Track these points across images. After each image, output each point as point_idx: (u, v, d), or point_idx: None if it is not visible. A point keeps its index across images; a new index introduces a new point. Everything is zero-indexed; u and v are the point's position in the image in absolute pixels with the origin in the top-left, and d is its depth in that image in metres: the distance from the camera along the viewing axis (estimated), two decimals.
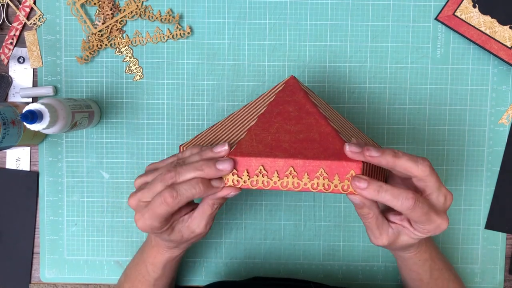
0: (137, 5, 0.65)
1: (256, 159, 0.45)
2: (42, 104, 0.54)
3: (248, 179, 0.45)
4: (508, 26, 0.62)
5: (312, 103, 0.49)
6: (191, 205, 0.50)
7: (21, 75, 0.66)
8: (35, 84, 0.66)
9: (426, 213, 0.44)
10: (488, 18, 0.63)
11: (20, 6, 0.65)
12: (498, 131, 0.66)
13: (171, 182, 0.46)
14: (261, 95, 0.53)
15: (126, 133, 0.66)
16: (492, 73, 0.65)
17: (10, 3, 0.65)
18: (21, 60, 0.66)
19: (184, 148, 0.53)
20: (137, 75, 0.66)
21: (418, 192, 0.46)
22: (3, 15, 0.66)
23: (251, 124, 0.48)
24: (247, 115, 0.51)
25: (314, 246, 0.67)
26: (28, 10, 0.65)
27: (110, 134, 0.66)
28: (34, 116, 0.53)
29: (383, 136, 0.66)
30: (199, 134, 0.55)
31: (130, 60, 0.66)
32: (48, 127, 0.55)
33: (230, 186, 0.46)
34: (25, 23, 0.65)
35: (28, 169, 0.67)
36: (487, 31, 0.63)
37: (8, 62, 0.66)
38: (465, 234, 0.67)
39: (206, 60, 0.66)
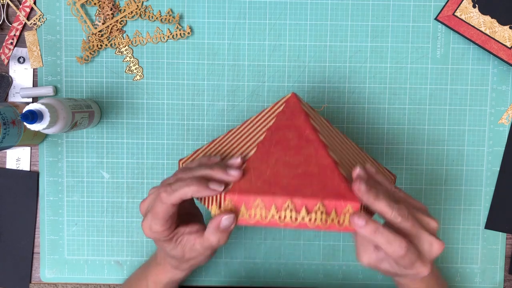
0: (137, 5, 0.65)
1: (254, 196, 0.45)
2: (42, 104, 0.54)
3: (246, 212, 0.45)
4: (508, 26, 0.62)
5: (312, 128, 0.49)
6: (198, 224, 0.50)
7: (21, 75, 0.66)
8: (35, 84, 0.66)
9: (413, 262, 0.44)
10: (488, 18, 0.63)
11: (20, 6, 0.65)
12: (498, 131, 0.66)
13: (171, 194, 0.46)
14: (262, 112, 0.53)
15: (126, 133, 0.66)
16: (492, 73, 0.65)
17: (10, 3, 0.65)
18: (21, 60, 0.66)
19: (183, 164, 0.53)
20: (137, 75, 0.66)
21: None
22: (3, 15, 0.66)
23: (250, 154, 0.48)
24: (247, 136, 0.51)
25: (314, 246, 0.67)
26: (28, 10, 0.65)
27: (110, 134, 0.66)
28: (34, 116, 0.53)
29: (383, 136, 0.66)
30: (199, 149, 0.55)
31: (130, 60, 0.66)
32: (48, 127, 0.55)
33: (225, 212, 0.45)
34: (25, 23, 0.65)
35: (28, 169, 0.67)
36: (487, 31, 0.63)
37: (8, 62, 0.66)
38: (465, 234, 0.67)
39: (206, 60, 0.66)
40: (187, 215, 0.53)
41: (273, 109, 0.52)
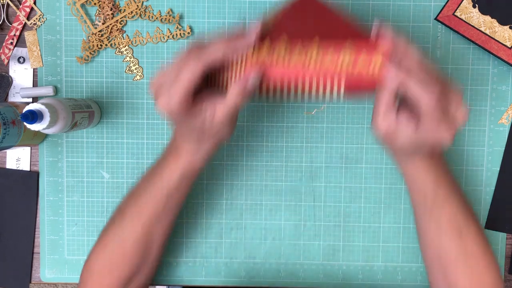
0: (137, 5, 0.65)
1: (282, 40, 0.43)
2: (42, 104, 0.54)
3: (270, 50, 0.43)
4: (508, 26, 0.62)
5: (331, 8, 0.47)
6: (216, 93, 0.48)
7: (21, 75, 0.66)
8: (35, 84, 0.66)
9: (439, 120, 0.43)
10: (488, 18, 0.63)
11: (20, 6, 0.65)
12: (498, 131, 0.66)
13: (197, 57, 0.44)
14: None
15: (126, 133, 0.66)
16: (492, 73, 0.65)
17: (10, 3, 0.65)
18: (21, 60, 0.66)
19: None
20: (137, 75, 0.66)
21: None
22: (3, 15, 0.66)
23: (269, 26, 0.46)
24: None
25: (314, 246, 0.67)
26: (28, 10, 0.65)
27: (110, 134, 0.66)
28: (34, 116, 0.53)
29: None
30: None
31: (130, 60, 0.66)
32: (48, 127, 0.55)
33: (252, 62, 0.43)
34: (25, 23, 0.65)
35: (29, 169, 0.67)
36: (487, 31, 0.63)
37: (8, 62, 0.66)
38: None
39: None
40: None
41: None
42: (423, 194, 0.54)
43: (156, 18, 0.65)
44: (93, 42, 0.65)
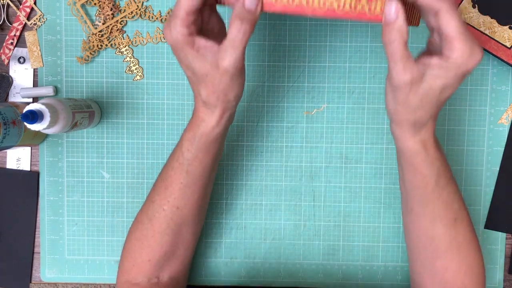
0: (138, 6, 0.65)
1: None
2: (43, 104, 0.54)
3: None
4: (507, 26, 0.63)
5: None
6: (220, 25, 0.47)
7: (21, 75, 0.66)
8: (35, 84, 0.66)
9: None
10: (487, 18, 0.63)
11: (21, 7, 0.65)
12: (498, 131, 0.66)
13: None
14: None
15: (126, 133, 0.66)
16: (492, 73, 0.65)
17: (10, 3, 0.65)
18: (21, 60, 0.66)
19: None
20: (138, 75, 0.66)
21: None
22: (4, 15, 0.66)
23: None
24: None
25: (314, 246, 0.67)
26: (28, 10, 0.65)
27: (111, 134, 0.67)
28: (35, 116, 0.53)
29: (383, 136, 0.66)
30: None
31: (130, 60, 0.66)
32: (48, 127, 0.55)
33: None
34: (25, 23, 0.65)
35: (29, 169, 0.67)
36: (487, 32, 0.63)
37: (8, 62, 0.66)
38: None
39: None
40: (210, 35, 0.49)
41: None
42: (423, 185, 0.51)
43: (156, 18, 0.65)
44: (93, 42, 0.65)
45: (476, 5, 0.63)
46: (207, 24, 0.49)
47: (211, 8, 0.49)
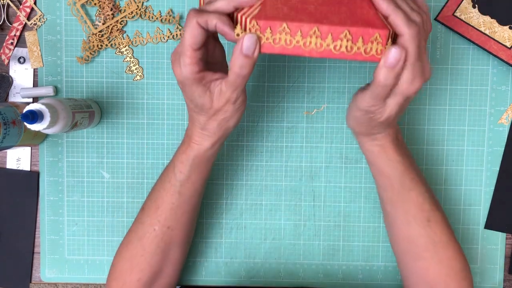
0: (138, 6, 0.65)
1: (280, 22, 0.43)
2: (43, 104, 0.54)
3: (271, 36, 0.43)
4: (507, 26, 0.63)
5: None
6: (224, 72, 0.49)
7: (21, 75, 0.66)
8: (35, 84, 0.66)
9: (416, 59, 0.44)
10: (487, 18, 0.63)
11: (21, 7, 0.65)
12: (498, 131, 0.66)
13: (203, 17, 0.44)
14: None
15: (126, 133, 0.66)
16: (492, 73, 0.65)
17: (10, 3, 0.65)
18: (21, 60, 0.66)
19: None
20: (138, 75, 0.66)
21: None
22: (4, 15, 0.66)
23: None
24: None
25: (314, 246, 0.67)
26: (28, 10, 0.65)
27: (111, 134, 0.67)
28: (35, 116, 0.53)
29: None
30: None
31: (130, 60, 0.66)
32: (48, 127, 0.55)
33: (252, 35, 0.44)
34: (25, 23, 0.66)
35: (29, 169, 0.67)
36: (487, 32, 0.63)
37: (8, 62, 0.66)
38: (465, 234, 0.67)
39: None
40: (215, 64, 0.51)
41: None
42: (390, 185, 0.55)
43: (157, 18, 0.65)
44: (93, 42, 0.65)
45: (476, 5, 0.63)
46: (212, 55, 0.50)
47: (214, 38, 0.50)
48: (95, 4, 0.65)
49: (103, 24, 0.65)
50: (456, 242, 0.56)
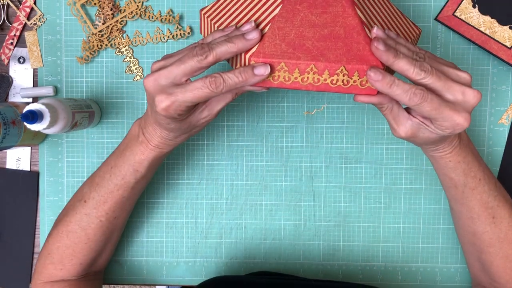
0: (137, 6, 0.65)
1: (278, 60, 0.45)
2: (43, 104, 0.54)
3: (270, 74, 0.45)
4: (507, 26, 0.63)
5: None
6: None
7: (21, 75, 0.66)
8: (35, 84, 0.66)
9: (437, 109, 0.43)
10: (488, 18, 0.63)
11: (21, 7, 0.65)
12: (498, 131, 0.66)
13: (204, 55, 0.44)
14: None
15: (126, 133, 0.66)
16: (492, 73, 0.65)
17: (10, 3, 0.65)
18: (21, 60, 0.66)
19: (204, 14, 0.52)
20: (138, 75, 0.66)
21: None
22: (4, 15, 0.66)
23: (274, 13, 0.46)
24: None
25: (314, 246, 0.67)
26: (28, 10, 0.65)
27: (111, 134, 0.66)
28: (35, 116, 0.53)
29: (382, 136, 0.66)
30: (219, 0, 0.52)
31: (130, 60, 0.66)
32: (48, 127, 0.55)
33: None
34: (25, 23, 0.65)
35: (29, 169, 0.67)
36: (487, 31, 0.63)
37: (8, 62, 0.66)
38: None
39: None
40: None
41: None
42: (453, 185, 0.55)
43: (156, 18, 0.65)
44: (93, 42, 0.65)
45: (476, 5, 0.63)
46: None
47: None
48: (95, 4, 0.64)
49: (103, 24, 0.65)
50: None
